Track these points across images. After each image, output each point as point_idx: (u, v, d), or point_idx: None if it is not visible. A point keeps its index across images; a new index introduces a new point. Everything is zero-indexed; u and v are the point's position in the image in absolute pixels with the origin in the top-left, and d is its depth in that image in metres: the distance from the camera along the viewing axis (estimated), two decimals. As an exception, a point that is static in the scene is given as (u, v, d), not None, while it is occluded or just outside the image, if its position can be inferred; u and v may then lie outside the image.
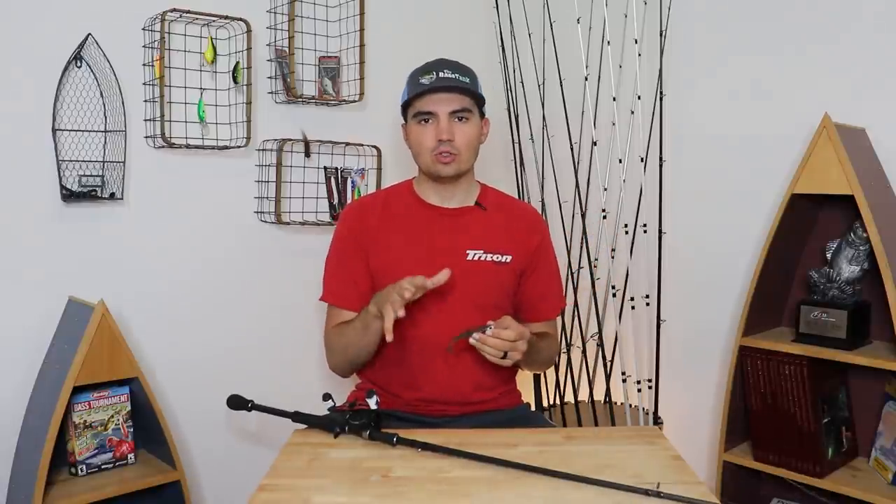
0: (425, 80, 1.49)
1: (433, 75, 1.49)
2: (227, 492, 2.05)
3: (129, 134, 1.83)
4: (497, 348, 1.37)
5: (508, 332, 1.37)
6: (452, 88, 1.49)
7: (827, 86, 2.04)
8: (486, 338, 1.37)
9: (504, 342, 1.37)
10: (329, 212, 2.18)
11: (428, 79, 1.49)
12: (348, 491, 1.13)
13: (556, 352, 1.80)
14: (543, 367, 1.84)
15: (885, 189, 1.93)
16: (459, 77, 1.50)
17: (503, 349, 1.38)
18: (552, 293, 1.68)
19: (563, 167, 2.38)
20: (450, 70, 1.51)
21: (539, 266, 1.64)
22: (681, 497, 1.08)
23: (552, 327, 1.70)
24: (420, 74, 1.51)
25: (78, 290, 1.78)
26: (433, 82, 1.48)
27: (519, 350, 1.39)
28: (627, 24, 2.28)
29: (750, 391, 2.02)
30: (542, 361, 1.69)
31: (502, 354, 1.38)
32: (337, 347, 1.59)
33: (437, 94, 1.49)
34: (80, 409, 1.71)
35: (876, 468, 1.94)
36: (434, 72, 1.50)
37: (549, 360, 1.76)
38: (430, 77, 1.49)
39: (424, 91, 1.49)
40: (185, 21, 1.88)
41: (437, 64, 1.53)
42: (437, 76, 1.49)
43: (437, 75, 1.49)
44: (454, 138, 1.50)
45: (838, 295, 1.92)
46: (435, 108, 1.50)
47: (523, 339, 1.39)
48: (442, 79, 1.49)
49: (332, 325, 1.61)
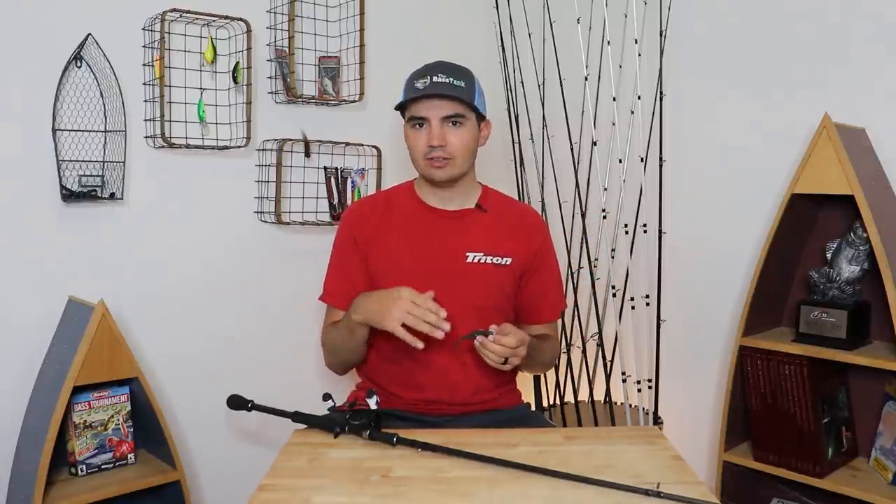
0: (419, 84, 1.48)
1: (427, 80, 1.48)
2: (227, 492, 2.05)
3: (129, 134, 1.83)
4: (498, 354, 1.39)
5: (509, 338, 1.38)
6: (445, 95, 1.47)
7: (827, 86, 2.04)
8: (487, 342, 1.39)
9: (505, 348, 1.38)
10: (329, 212, 2.18)
11: (422, 83, 1.48)
12: (348, 491, 1.13)
13: (557, 354, 1.81)
14: (544, 369, 1.85)
15: (885, 189, 1.93)
16: (454, 81, 1.48)
17: (504, 355, 1.39)
18: (553, 295, 1.68)
19: (563, 167, 2.38)
20: (444, 74, 1.48)
21: (540, 268, 1.64)
22: (681, 497, 1.08)
23: (553, 329, 1.71)
24: (416, 78, 1.50)
25: (78, 290, 1.78)
26: (426, 88, 1.47)
27: (519, 356, 1.42)
28: (627, 24, 2.28)
29: (750, 391, 2.02)
30: (542, 363, 1.69)
31: (503, 360, 1.41)
32: (327, 347, 1.62)
33: (429, 101, 1.48)
34: (80, 409, 1.71)
35: (876, 468, 1.94)
36: (429, 76, 1.48)
37: (550, 362, 1.77)
38: (424, 82, 1.48)
39: (417, 96, 1.48)
40: (185, 21, 1.88)
41: (433, 67, 1.51)
42: (430, 81, 1.47)
43: (430, 80, 1.47)
44: (446, 143, 1.49)
45: (838, 295, 1.92)
46: (427, 113, 1.49)
47: (524, 344, 1.41)
48: (435, 84, 1.47)
49: (326, 325, 1.62)
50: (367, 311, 1.44)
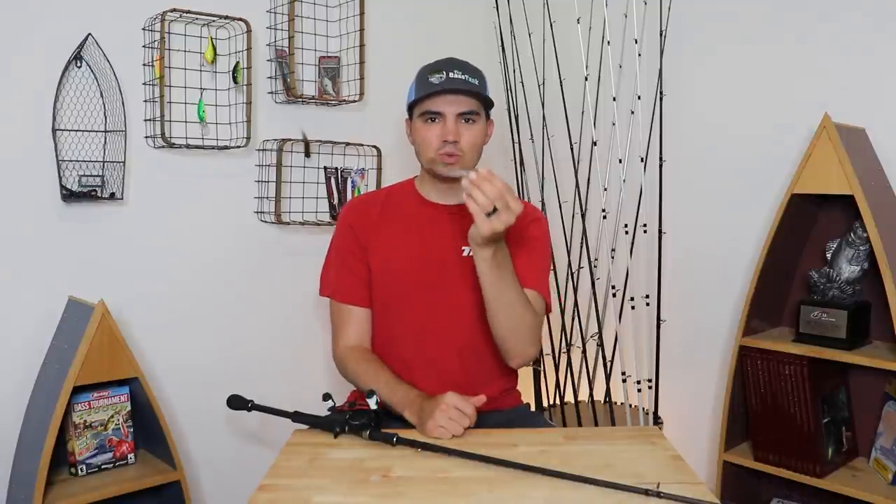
0: (435, 79, 1.47)
1: (443, 75, 1.47)
2: (227, 492, 2.05)
3: (129, 134, 1.83)
4: (488, 194, 1.23)
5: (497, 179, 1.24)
6: (462, 91, 1.47)
7: (827, 86, 2.04)
8: (479, 180, 1.23)
9: (495, 188, 1.23)
10: (329, 212, 2.18)
11: (438, 78, 1.47)
12: (348, 491, 1.13)
13: (536, 328, 1.49)
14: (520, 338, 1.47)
15: (885, 189, 1.93)
16: (469, 79, 1.48)
17: (495, 197, 1.23)
18: (531, 265, 1.53)
19: (563, 167, 2.38)
20: (460, 71, 1.48)
21: (525, 241, 1.53)
22: (681, 497, 1.08)
23: (532, 301, 1.51)
24: (430, 73, 1.49)
25: (78, 290, 1.78)
26: (443, 83, 1.46)
27: (512, 210, 1.24)
28: (627, 24, 2.28)
29: (750, 391, 2.02)
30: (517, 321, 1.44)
31: (491, 208, 1.24)
32: (350, 375, 1.57)
33: (445, 96, 1.47)
34: (80, 409, 1.71)
35: (876, 468, 1.94)
36: (444, 71, 1.47)
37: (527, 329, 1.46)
38: (439, 76, 1.47)
39: (434, 91, 1.47)
40: (185, 21, 1.88)
41: (447, 63, 1.50)
42: (447, 76, 1.47)
43: (447, 75, 1.47)
44: (460, 140, 1.48)
45: (838, 295, 1.92)
46: (443, 108, 1.48)
47: (513, 196, 1.25)
48: (452, 80, 1.46)
49: (356, 351, 1.56)
50: (411, 411, 1.39)
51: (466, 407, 1.34)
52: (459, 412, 1.33)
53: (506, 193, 1.24)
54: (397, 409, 1.42)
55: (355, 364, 1.54)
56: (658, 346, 2.29)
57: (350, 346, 1.58)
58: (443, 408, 1.33)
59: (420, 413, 1.36)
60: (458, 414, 1.33)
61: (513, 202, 1.24)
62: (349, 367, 1.56)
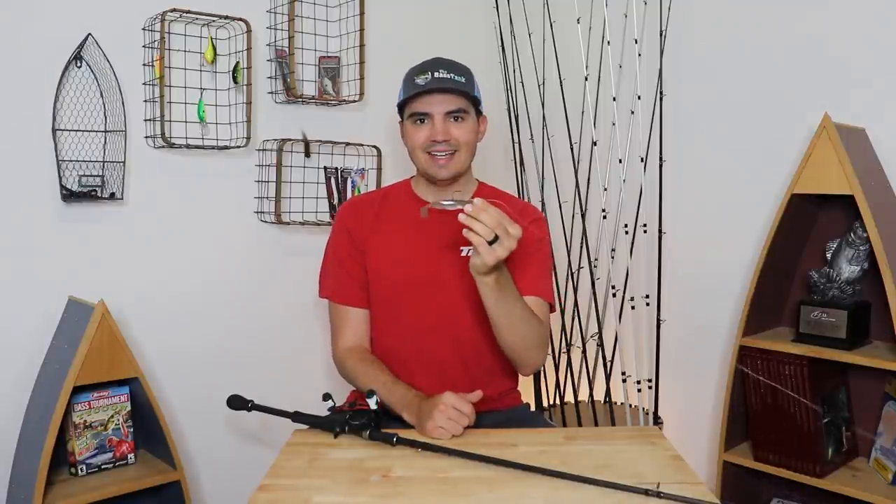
0: (420, 80, 1.48)
1: (428, 75, 1.48)
2: (227, 492, 2.05)
3: (129, 134, 1.83)
4: (488, 224, 1.21)
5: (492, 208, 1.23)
6: (447, 90, 1.47)
7: (827, 86, 2.04)
8: (476, 211, 1.21)
9: (493, 217, 1.21)
10: (329, 212, 2.18)
11: (423, 79, 1.48)
12: (348, 491, 1.13)
13: (543, 337, 1.50)
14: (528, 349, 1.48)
15: (885, 189, 1.93)
16: (455, 77, 1.49)
17: (494, 225, 1.22)
18: (532, 275, 1.53)
19: (563, 167, 2.38)
20: (445, 70, 1.49)
21: (524, 245, 1.45)
22: (681, 497, 1.08)
23: (536, 307, 1.51)
24: (415, 74, 1.50)
25: (78, 290, 1.78)
26: (428, 83, 1.47)
27: (512, 236, 1.24)
28: (627, 24, 2.28)
29: (750, 391, 2.02)
30: (524, 334, 1.43)
31: (493, 237, 1.23)
32: (348, 376, 1.57)
33: (432, 96, 1.48)
34: (80, 409, 1.71)
35: (876, 468, 1.94)
36: (429, 72, 1.48)
37: (534, 340, 1.47)
38: (425, 77, 1.48)
39: (420, 92, 1.47)
40: (185, 21, 1.88)
41: (432, 63, 1.51)
42: (432, 76, 1.47)
43: (432, 76, 1.47)
44: (450, 137, 1.49)
45: (838, 295, 1.92)
46: (430, 108, 1.48)
47: (512, 224, 1.24)
48: (437, 79, 1.47)
49: (354, 351, 1.57)
50: (409, 412, 1.39)
51: (464, 406, 1.34)
52: (458, 412, 1.33)
53: (503, 220, 1.24)
54: (396, 409, 1.42)
55: (354, 365, 1.55)
56: (658, 346, 2.29)
57: (349, 347, 1.58)
58: (441, 408, 1.33)
59: (418, 413, 1.36)
60: (457, 414, 1.33)
61: (511, 227, 1.24)
62: (348, 367, 1.56)
